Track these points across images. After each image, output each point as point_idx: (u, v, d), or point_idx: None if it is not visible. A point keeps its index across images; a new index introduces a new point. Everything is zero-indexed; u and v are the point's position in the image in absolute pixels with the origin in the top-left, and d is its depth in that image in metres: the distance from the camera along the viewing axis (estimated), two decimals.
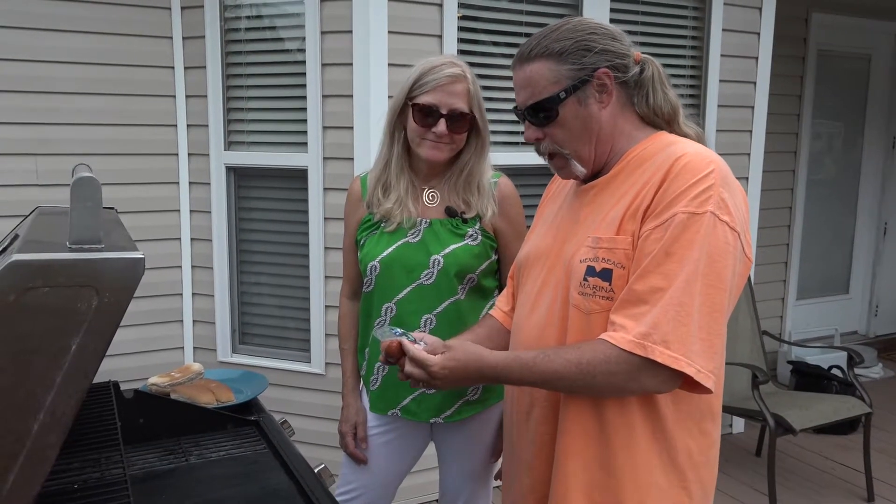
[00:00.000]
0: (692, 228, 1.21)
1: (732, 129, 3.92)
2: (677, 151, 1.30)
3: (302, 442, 3.15)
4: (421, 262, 1.86)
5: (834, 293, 5.68)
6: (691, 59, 3.77)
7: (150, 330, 3.44)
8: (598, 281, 1.30)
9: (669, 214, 1.23)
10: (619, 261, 1.28)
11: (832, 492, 3.62)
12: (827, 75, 5.25)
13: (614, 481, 1.33)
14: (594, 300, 1.31)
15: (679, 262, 1.21)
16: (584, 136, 1.37)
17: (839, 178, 5.57)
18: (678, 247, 1.21)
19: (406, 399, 1.93)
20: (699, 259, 1.21)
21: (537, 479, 1.46)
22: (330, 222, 3.16)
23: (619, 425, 1.32)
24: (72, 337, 0.91)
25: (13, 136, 3.10)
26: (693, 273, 1.20)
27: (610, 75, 1.35)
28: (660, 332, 1.20)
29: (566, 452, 1.37)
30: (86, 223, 0.98)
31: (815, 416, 3.42)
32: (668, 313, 1.20)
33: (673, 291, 1.20)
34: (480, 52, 3.25)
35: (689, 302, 1.20)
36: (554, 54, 1.34)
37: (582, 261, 1.33)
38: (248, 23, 3.24)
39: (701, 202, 1.22)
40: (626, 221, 1.30)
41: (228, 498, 1.48)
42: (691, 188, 1.24)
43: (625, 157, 1.38)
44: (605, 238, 1.31)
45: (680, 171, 1.26)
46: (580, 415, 1.35)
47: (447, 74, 1.79)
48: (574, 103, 1.35)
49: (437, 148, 1.83)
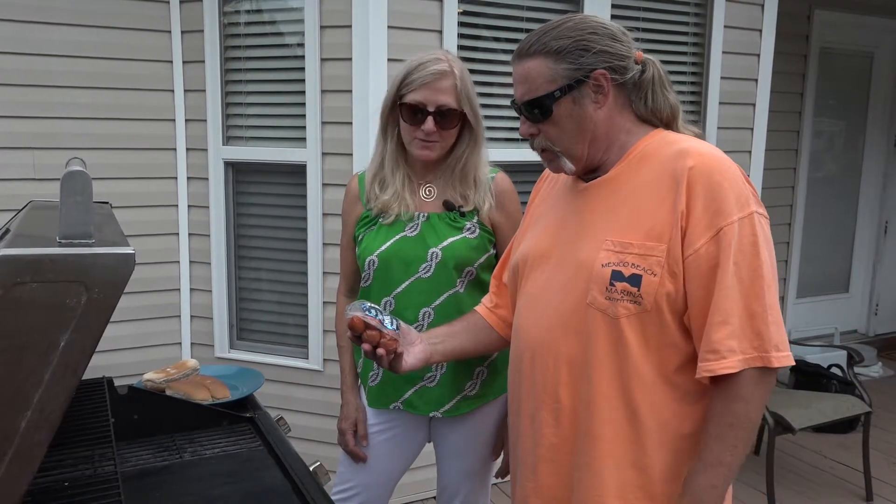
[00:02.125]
0: (747, 232, 1.25)
1: (733, 126, 3.90)
2: (689, 151, 1.30)
3: (300, 438, 3.15)
4: (419, 256, 1.85)
5: (834, 292, 5.67)
6: (692, 56, 3.75)
7: (147, 325, 3.43)
8: (626, 286, 1.29)
9: (717, 227, 1.25)
10: (651, 268, 1.28)
11: (831, 491, 3.61)
12: (829, 73, 5.23)
13: (648, 481, 1.33)
14: (622, 304, 1.30)
15: (752, 269, 1.25)
16: (577, 134, 1.36)
17: (840, 176, 5.55)
18: (742, 256, 1.25)
19: (408, 392, 1.92)
20: (765, 260, 1.26)
21: (541, 485, 1.45)
22: (328, 218, 3.14)
23: (653, 426, 1.31)
24: (60, 333, 0.90)
25: (10, 129, 3.08)
26: (770, 275, 1.26)
27: (607, 77, 1.33)
28: (768, 340, 1.25)
29: (596, 456, 1.35)
30: (76, 218, 0.96)
31: (815, 415, 3.41)
32: (767, 319, 1.25)
33: (765, 301, 1.25)
34: (481, 48, 3.23)
35: (775, 303, 1.27)
36: (552, 52, 1.33)
37: (605, 265, 1.32)
38: (246, 17, 3.22)
39: (742, 205, 1.26)
40: (661, 229, 1.29)
41: (222, 495, 1.47)
42: (727, 194, 1.25)
43: (626, 156, 1.37)
44: (636, 244, 1.30)
45: (705, 178, 1.27)
46: (613, 418, 1.33)
47: (432, 71, 1.78)
48: (569, 102, 1.34)
49: (428, 147, 1.83)
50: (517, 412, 1.52)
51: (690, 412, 1.32)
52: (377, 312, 1.53)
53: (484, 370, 1.94)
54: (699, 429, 1.32)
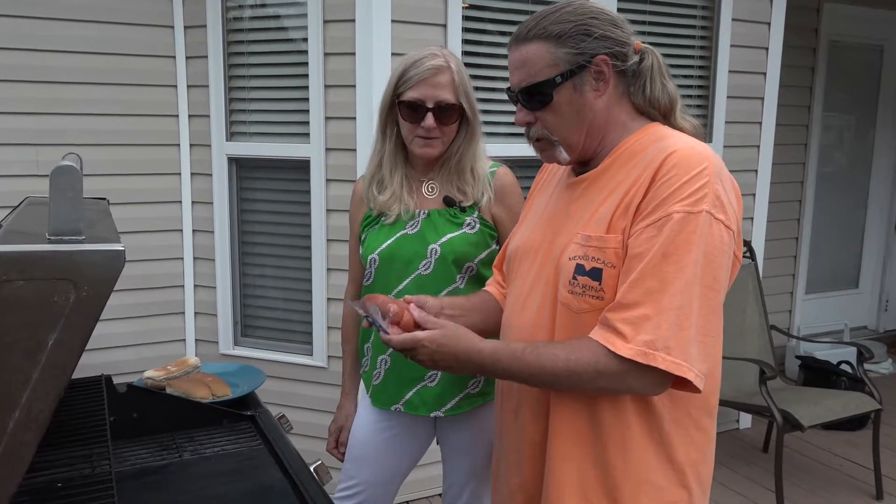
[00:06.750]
0: (688, 228, 1.18)
1: (741, 120, 3.86)
2: (669, 146, 1.26)
3: (304, 435, 3.14)
4: (419, 253, 1.84)
5: (844, 287, 5.63)
6: (700, 50, 3.71)
7: (151, 322, 3.42)
8: (587, 280, 1.26)
9: (663, 213, 1.20)
10: (609, 260, 1.25)
11: (840, 489, 3.57)
12: (839, 66, 5.18)
13: (609, 479, 1.30)
14: (584, 299, 1.27)
15: (676, 264, 1.18)
16: (576, 123, 1.33)
17: (850, 171, 5.50)
18: (675, 248, 1.18)
19: (408, 393, 1.91)
20: (697, 261, 1.18)
21: (526, 479, 1.44)
22: (332, 214, 3.13)
23: (614, 426, 1.29)
24: (48, 332, 0.88)
25: (14, 126, 3.08)
26: (692, 276, 1.18)
27: (608, 63, 1.30)
28: (662, 339, 1.17)
29: (559, 454, 1.34)
30: (66, 214, 0.94)
31: (824, 413, 3.37)
32: (668, 318, 1.17)
33: (671, 296, 1.18)
34: (486, 42, 3.20)
35: (687, 305, 1.18)
36: (552, 37, 1.30)
37: (571, 258, 1.30)
38: (249, 11, 3.21)
39: (696, 200, 1.19)
40: (617, 219, 1.26)
41: (221, 495, 1.45)
42: (685, 185, 1.20)
43: (616, 150, 1.34)
44: (595, 236, 1.27)
45: (673, 167, 1.22)
46: (573, 416, 1.32)
47: (429, 67, 1.77)
48: (569, 89, 1.31)
49: (429, 145, 1.82)
50: (501, 408, 1.52)
51: (655, 415, 1.29)
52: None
53: None
54: (661, 427, 1.29)
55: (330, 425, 2.08)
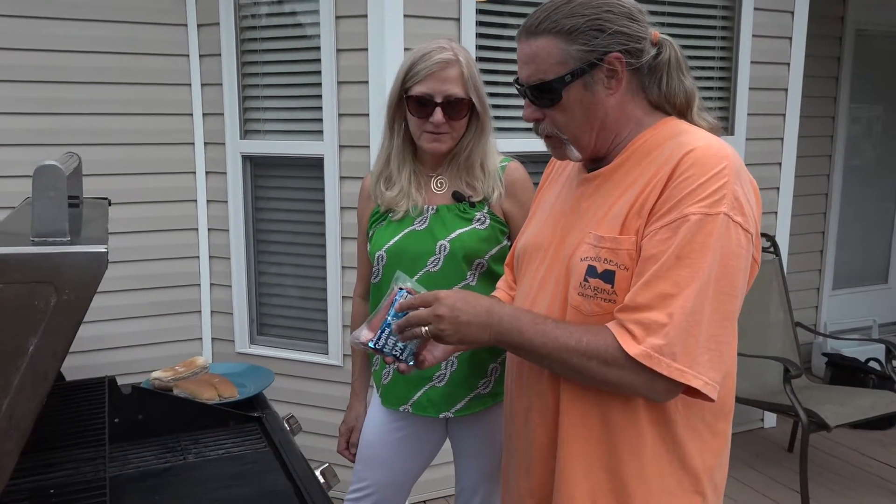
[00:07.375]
0: (705, 230, 1.13)
1: (765, 112, 3.78)
2: (687, 143, 1.20)
3: (319, 434, 3.12)
4: (427, 249, 1.81)
5: (872, 283, 5.50)
6: (721, 40, 3.63)
7: (167, 321, 3.42)
8: (599, 282, 1.22)
9: (679, 214, 1.15)
10: (622, 262, 1.20)
11: (868, 489, 3.48)
12: (866, 56, 5.06)
13: (621, 485, 1.26)
14: (595, 302, 1.23)
15: (691, 267, 1.13)
16: (586, 122, 1.27)
17: (878, 163, 5.38)
18: (690, 250, 1.13)
19: (416, 394, 1.88)
20: (712, 265, 1.13)
21: (536, 483, 1.40)
22: (346, 211, 3.10)
23: (626, 431, 1.25)
24: (28, 337, 0.85)
25: (27, 126, 3.08)
26: (706, 280, 1.13)
27: (622, 61, 1.24)
28: (669, 345, 1.13)
29: (569, 459, 1.29)
30: (49, 215, 0.91)
31: (851, 412, 3.28)
32: (679, 324, 1.13)
33: (684, 300, 1.13)
34: (500, 36, 3.15)
35: (700, 311, 1.13)
36: (563, 32, 1.23)
37: (583, 259, 1.25)
38: (262, 8, 3.18)
39: (714, 202, 1.14)
40: (631, 219, 1.21)
41: (223, 500, 1.43)
42: (703, 186, 1.15)
43: (630, 146, 1.29)
44: (608, 237, 1.22)
45: (690, 166, 1.16)
46: (584, 419, 1.28)
47: (437, 61, 1.72)
48: (580, 87, 1.25)
49: (438, 140, 1.78)
50: (510, 410, 1.48)
51: (668, 419, 1.25)
52: (389, 339, 1.37)
53: (498, 367, 1.88)
54: (674, 432, 1.25)
55: (340, 426, 2.05)
